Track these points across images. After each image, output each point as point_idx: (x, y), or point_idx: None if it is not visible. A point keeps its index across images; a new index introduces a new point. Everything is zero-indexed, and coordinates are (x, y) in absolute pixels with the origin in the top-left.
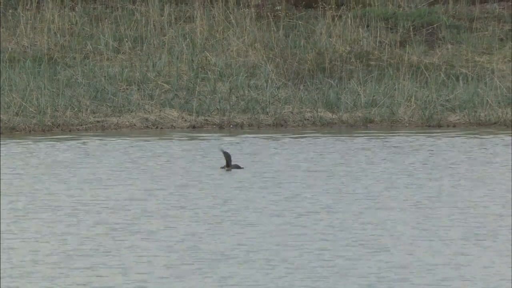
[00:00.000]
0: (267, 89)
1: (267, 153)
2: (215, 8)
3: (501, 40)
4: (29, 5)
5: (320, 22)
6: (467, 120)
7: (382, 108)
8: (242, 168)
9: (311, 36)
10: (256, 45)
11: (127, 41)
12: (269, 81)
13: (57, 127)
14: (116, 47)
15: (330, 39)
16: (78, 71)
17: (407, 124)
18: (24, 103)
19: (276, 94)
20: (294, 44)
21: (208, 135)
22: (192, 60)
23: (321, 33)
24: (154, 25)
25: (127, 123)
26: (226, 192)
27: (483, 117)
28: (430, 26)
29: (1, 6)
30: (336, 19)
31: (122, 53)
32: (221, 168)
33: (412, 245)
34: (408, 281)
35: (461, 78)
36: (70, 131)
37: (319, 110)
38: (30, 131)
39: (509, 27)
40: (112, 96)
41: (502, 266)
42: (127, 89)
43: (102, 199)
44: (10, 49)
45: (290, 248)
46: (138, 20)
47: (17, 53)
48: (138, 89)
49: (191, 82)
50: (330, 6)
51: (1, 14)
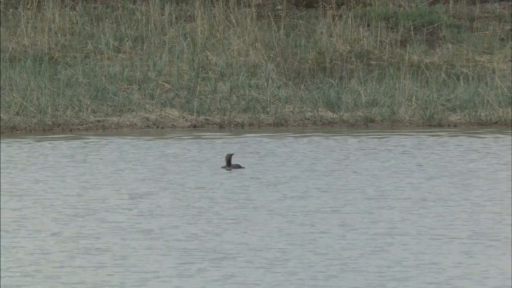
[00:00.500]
0: (267, 88)
1: (268, 153)
2: (216, 8)
3: (502, 39)
4: (29, 4)
5: (321, 21)
6: (468, 120)
7: (382, 108)
8: (243, 168)
9: (311, 36)
10: (256, 44)
11: (127, 41)
12: (270, 80)
13: (58, 127)
14: (116, 46)
15: (331, 39)
16: (78, 70)
17: (408, 124)
18: (24, 103)
19: (276, 93)
20: (294, 44)
21: (209, 134)
22: (193, 59)
23: (321, 33)
24: (155, 25)
25: (128, 122)
26: (227, 191)
27: (484, 117)
28: (431, 26)
29: (1, 6)
30: (336, 18)
31: (123, 52)
32: (221, 168)
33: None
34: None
35: (461, 77)
36: (70, 130)
37: (319, 109)
38: (30, 131)
39: (510, 27)
40: (112, 96)
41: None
42: (127, 88)
43: (103, 198)
44: (10, 48)
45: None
46: (139, 20)
47: (17, 53)
48: (139, 89)
49: (192, 82)
50: (330, 6)
51: (1, 14)
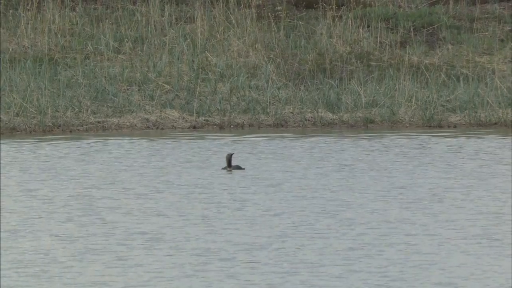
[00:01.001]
0: (267, 89)
1: (268, 154)
2: (216, 9)
3: (502, 40)
4: (29, 5)
5: (321, 22)
6: (468, 121)
7: (382, 109)
8: (243, 169)
9: (311, 37)
10: (256, 45)
11: (127, 42)
12: (270, 81)
13: (58, 128)
14: (116, 47)
15: (331, 40)
16: (78, 71)
17: (408, 125)
18: (24, 104)
19: (276, 94)
20: (294, 45)
21: (209, 135)
22: (193, 60)
23: (321, 34)
24: (155, 26)
25: (128, 123)
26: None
27: (484, 118)
28: (431, 27)
29: (1, 6)
30: (336, 19)
31: (123, 53)
32: (222, 169)
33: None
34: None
35: (461, 78)
36: (70, 131)
37: (319, 110)
38: (30, 132)
39: (510, 28)
40: (112, 97)
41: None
42: (127, 89)
43: (104, 199)
44: (10, 49)
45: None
46: (139, 21)
47: (17, 54)
48: (139, 90)
49: (192, 83)
50: (330, 7)
51: (1, 14)
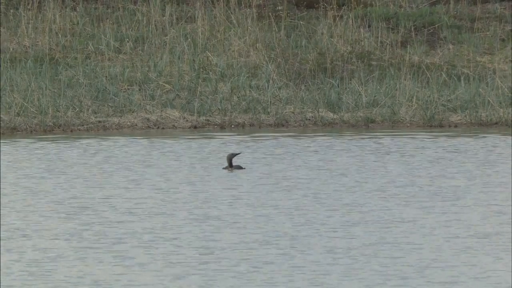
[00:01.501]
0: (268, 89)
1: (268, 153)
2: (217, 8)
3: (503, 40)
4: (30, 5)
5: (322, 22)
6: (469, 120)
7: (383, 108)
8: (244, 168)
9: (312, 36)
10: (257, 45)
11: (128, 41)
12: (271, 81)
13: (59, 128)
14: (117, 47)
15: (332, 39)
16: (79, 71)
17: (409, 124)
18: (25, 103)
19: (277, 94)
20: (295, 44)
21: (210, 134)
22: (194, 60)
23: (322, 33)
24: (156, 25)
25: (129, 123)
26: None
27: (485, 117)
28: (432, 26)
29: (2, 6)
30: (337, 19)
31: (124, 53)
32: (223, 168)
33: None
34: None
35: (462, 78)
36: (71, 131)
37: (320, 110)
38: (31, 132)
39: (511, 27)
40: (113, 96)
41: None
42: (128, 89)
43: (106, 199)
44: (11, 49)
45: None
46: (140, 20)
47: (18, 53)
48: (140, 89)
49: (193, 82)
50: (331, 6)
51: (2, 14)
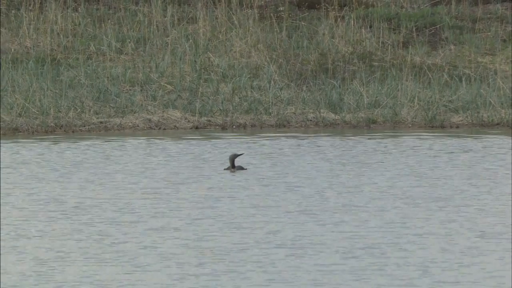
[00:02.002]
0: (270, 90)
1: (269, 154)
2: (218, 9)
3: (504, 41)
4: (32, 5)
5: (323, 23)
6: (470, 121)
7: (385, 109)
8: (246, 169)
9: (314, 37)
10: (259, 46)
11: (130, 42)
12: (272, 82)
13: (60, 128)
14: (119, 48)
15: (333, 40)
16: (81, 72)
17: (410, 125)
18: (27, 104)
19: (279, 95)
20: (297, 45)
21: (211, 135)
22: (195, 61)
23: (324, 34)
24: (157, 26)
25: (130, 124)
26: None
27: (486, 118)
28: (433, 27)
29: (3, 7)
30: (339, 20)
31: (125, 54)
32: (224, 169)
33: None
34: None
35: (464, 79)
36: (73, 132)
37: (321, 110)
38: (33, 132)
39: None
40: (115, 97)
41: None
42: (130, 90)
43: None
44: (13, 50)
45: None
46: (141, 21)
47: (20, 54)
48: (141, 90)
49: (194, 83)
50: (333, 7)
51: (3, 15)
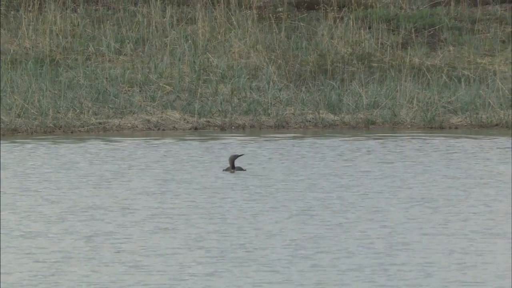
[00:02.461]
0: (269, 90)
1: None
2: (217, 10)
3: (503, 42)
4: (31, 6)
5: (322, 23)
6: (469, 122)
7: (384, 110)
8: (245, 170)
9: (313, 38)
10: (258, 46)
11: (129, 43)
12: (271, 82)
13: (59, 129)
14: (118, 48)
15: (332, 41)
16: (80, 72)
17: (409, 126)
18: (26, 105)
19: (278, 95)
20: (296, 46)
21: (210, 136)
22: (194, 61)
23: (323, 35)
24: (156, 27)
25: (129, 124)
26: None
27: (485, 119)
28: (432, 28)
29: (2, 8)
30: (338, 20)
31: (124, 54)
32: (224, 170)
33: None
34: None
35: (463, 80)
36: (72, 132)
37: (320, 111)
38: (32, 133)
39: (511, 29)
40: (114, 98)
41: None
42: (129, 90)
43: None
44: (12, 50)
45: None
46: (140, 22)
47: (19, 55)
48: (140, 91)
49: (193, 84)
50: (332, 8)
51: (3, 16)
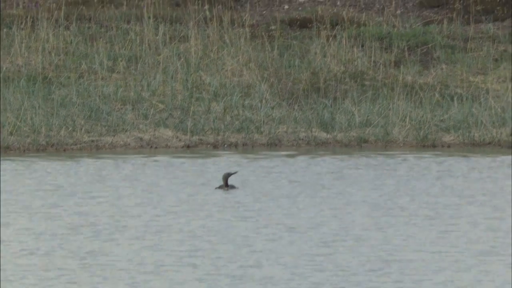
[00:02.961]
0: (261, 108)
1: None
2: (210, 28)
3: (496, 60)
4: (23, 24)
5: (315, 42)
6: (462, 140)
7: (376, 128)
8: (237, 188)
9: (305, 56)
10: (250, 64)
11: (121, 61)
12: (264, 100)
13: (52, 147)
14: (110, 66)
15: (325, 59)
16: (72, 90)
17: (402, 144)
18: (18, 123)
19: (270, 113)
20: (288, 64)
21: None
22: (187, 79)
23: (315, 53)
24: (149, 45)
25: (122, 142)
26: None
27: (478, 137)
28: (425, 46)
29: None
30: (330, 39)
31: (117, 72)
32: (216, 188)
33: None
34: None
35: (455, 98)
36: (64, 150)
37: (313, 130)
38: (24, 151)
39: (504, 48)
40: (106, 116)
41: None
42: (121, 108)
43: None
44: (4, 68)
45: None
46: (133, 40)
47: (11, 72)
48: (133, 109)
49: (186, 102)
50: (324, 26)
51: None
